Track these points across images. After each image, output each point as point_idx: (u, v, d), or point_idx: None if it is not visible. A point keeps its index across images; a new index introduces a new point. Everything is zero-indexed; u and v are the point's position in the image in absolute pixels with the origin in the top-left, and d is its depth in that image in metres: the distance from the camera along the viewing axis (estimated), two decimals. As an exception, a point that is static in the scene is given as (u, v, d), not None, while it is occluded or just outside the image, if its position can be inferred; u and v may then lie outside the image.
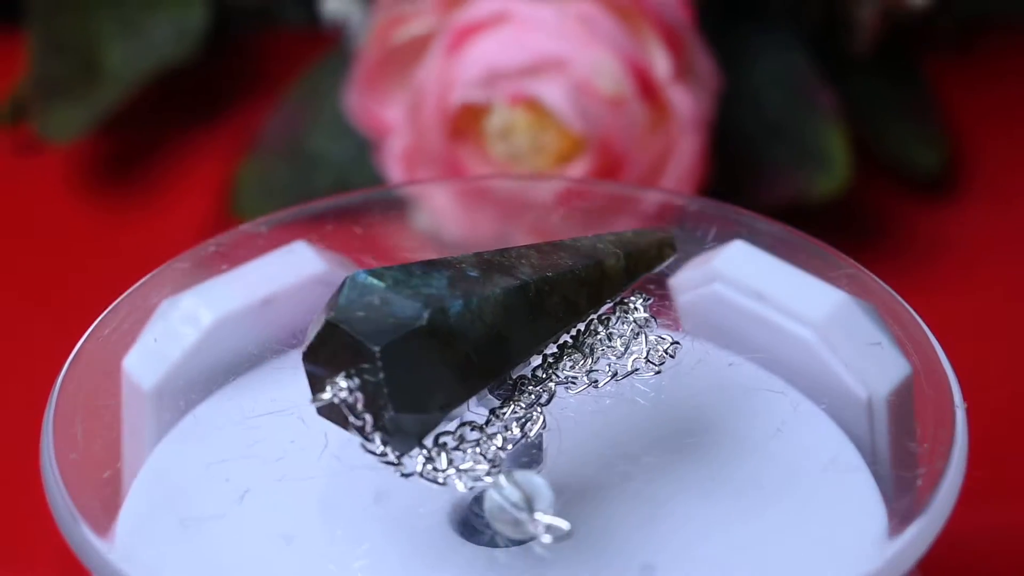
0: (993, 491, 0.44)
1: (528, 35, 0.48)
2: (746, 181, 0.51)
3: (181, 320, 0.36)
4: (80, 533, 0.32)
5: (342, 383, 0.30)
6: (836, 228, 0.52)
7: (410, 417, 0.30)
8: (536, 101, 0.48)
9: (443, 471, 0.31)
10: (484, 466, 0.31)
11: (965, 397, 0.34)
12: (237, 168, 0.53)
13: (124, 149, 0.56)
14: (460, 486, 0.31)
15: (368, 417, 0.30)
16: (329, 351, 0.30)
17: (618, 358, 0.33)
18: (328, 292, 0.37)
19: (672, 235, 0.35)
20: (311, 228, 0.38)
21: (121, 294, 0.37)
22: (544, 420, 0.32)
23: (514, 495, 0.30)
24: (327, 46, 0.56)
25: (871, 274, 0.36)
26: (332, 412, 0.31)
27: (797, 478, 0.34)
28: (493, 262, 0.32)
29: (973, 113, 0.57)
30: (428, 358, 0.30)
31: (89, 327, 0.36)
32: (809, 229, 0.39)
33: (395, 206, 0.40)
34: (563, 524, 0.30)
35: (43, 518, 0.34)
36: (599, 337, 0.33)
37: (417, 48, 0.50)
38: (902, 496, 0.33)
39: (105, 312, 0.36)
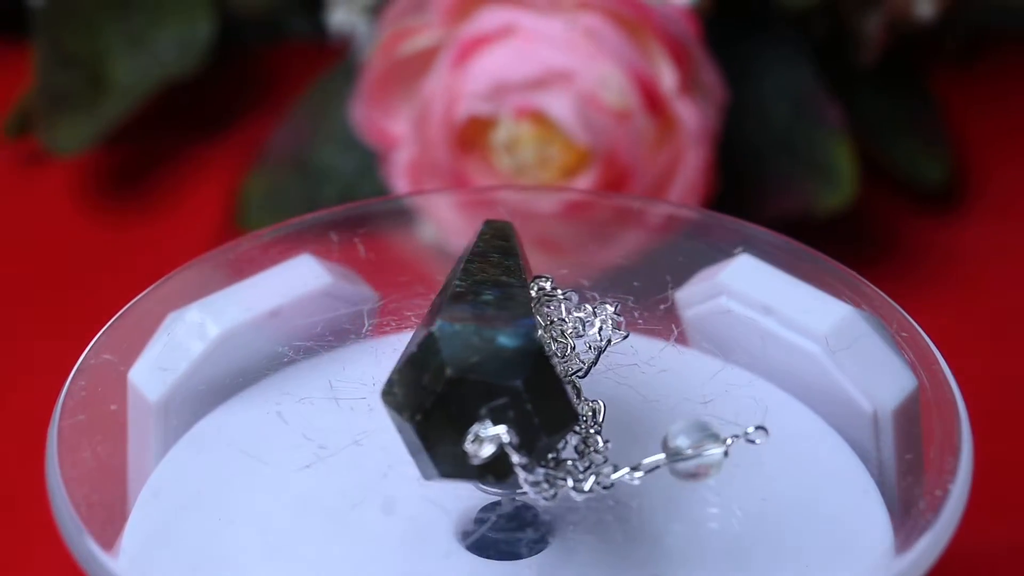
0: (1000, 506, 0.44)
1: (534, 48, 0.48)
2: (752, 194, 0.51)
3: (187, 333, 0.36)
4: (85, 547, 0.32)
5: (497, 429, 0.30)
6: (842, 242, 0.52)
7: (558, 436, 0.30)
8: (542, 114, 0.48)
9: (584, 480, 0.31)
10: (608, 465, 0.31)
11: (971, 411, 0.34)
12: (243, 181, 0.53)
13: (130, 162, 0.56)
14: (600, 491, 0.31)
15: (523, 452, 0.30)
16: (453, 409, 0.30)
17: (579, 336, 0.33)
18: (334, 304, 0.37)
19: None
20: (316, 239, 0.38)
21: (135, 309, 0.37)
22: (604, 406, 0.32)
23: (686, 443, 0.31)
24: (334, 58, 0.56)
25: (876, 288, 0.36)
26: (465, 469, 0.30)
27: (803, 492, 0.34)
28: (485, 280, 0.32)
29: (979, 126, 0.57)
30: (551, 376, 0.30)
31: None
32: (815, 243, 0.39)
33: (400, 217, 0.40)
34: (751, 428, 0.31)
35: (48, 531, 0.34)
36: (553, 323, 0.33)
37: (423, 61, 0.50)
38: (908, 511, 0.33)
39: (108, 325, 0.36)
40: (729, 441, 0.31)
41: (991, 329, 0.50)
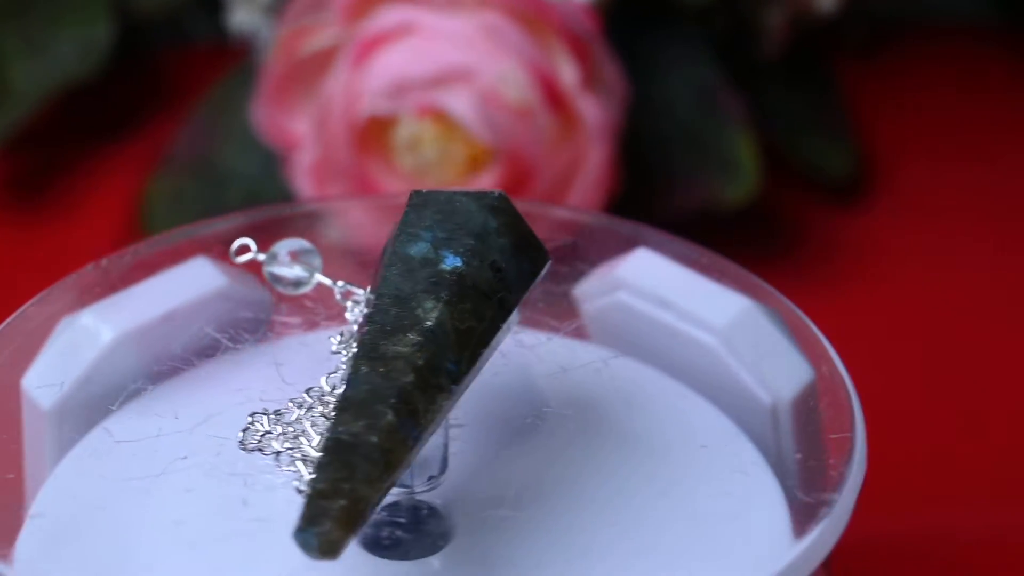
0: (896, 494, 0.44)
1: (434, 46, 0.48)
2: (656, 189, 0.51)
3: (80, 338, 0.35)
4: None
5: None
6: (747, 235, 0.52)
7: None
8: (443, 112, 0.47)
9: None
10: None
11: (871, 402, 0.34)
12: (147, 185, 0.53)
13: (30, 168, 0.55)
14: None
15: None
16: None
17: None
18: (229, 307, 0.37)
19: None
20: (214, 243, 0.38)
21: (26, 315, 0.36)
22: None
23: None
24: (236, 60, 0.56)
25: (768, 284, 0.36)
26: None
27: (701, 483, 0.34)
28: None
29: (883, 118, 0.57)
30: None
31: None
32: (719, 237, 0.39)
33: (302, 220, 0.40)
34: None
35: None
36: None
37: (323, 60, 0.49)
38: (806, 498, 0.33)
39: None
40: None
41: (895, 320, 0.50)
